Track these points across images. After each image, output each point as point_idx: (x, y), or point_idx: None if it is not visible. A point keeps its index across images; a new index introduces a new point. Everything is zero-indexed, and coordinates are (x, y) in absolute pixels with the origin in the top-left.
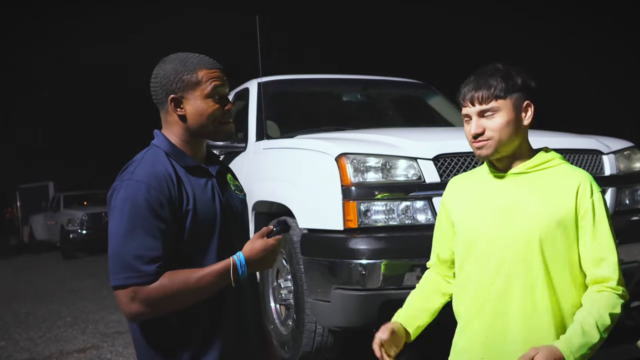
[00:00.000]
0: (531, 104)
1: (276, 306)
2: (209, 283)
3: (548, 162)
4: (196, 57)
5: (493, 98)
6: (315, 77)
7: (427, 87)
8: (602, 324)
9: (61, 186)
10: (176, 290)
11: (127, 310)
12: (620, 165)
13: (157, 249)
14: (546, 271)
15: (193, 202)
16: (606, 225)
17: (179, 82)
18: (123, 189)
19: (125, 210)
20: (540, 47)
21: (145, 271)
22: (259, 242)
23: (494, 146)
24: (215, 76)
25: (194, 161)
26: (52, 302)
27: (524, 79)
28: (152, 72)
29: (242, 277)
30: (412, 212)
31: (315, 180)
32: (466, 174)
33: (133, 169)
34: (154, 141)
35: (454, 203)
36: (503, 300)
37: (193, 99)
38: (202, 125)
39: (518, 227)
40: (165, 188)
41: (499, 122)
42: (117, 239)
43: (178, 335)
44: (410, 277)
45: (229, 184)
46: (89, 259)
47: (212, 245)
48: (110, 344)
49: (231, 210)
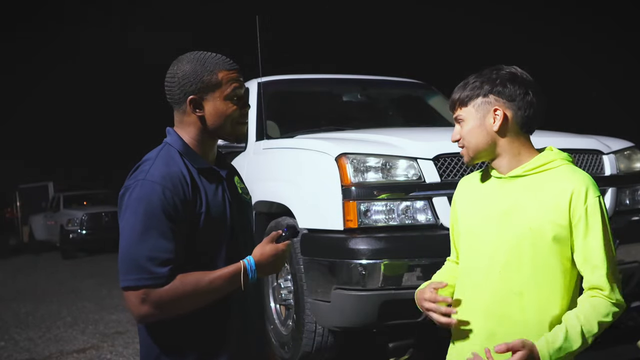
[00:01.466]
0: (500, 109)
1: (276, 306)
2: (219, 286)
3: (547, 165)
4: (215, 57)
5: (458, 106)
6: (315, 77)
7: (427, 87)
8: (588, 331)
9: (61, 186)
10: (187, 293)
11: (137, 312)
12: (621, 165)
13: (170, 251)
14: (535, 276)
15: (206, 205)
16: (599, 233)
17: (199, 83)
18: (138, 189)
19: (139, 211)
20: (540, 47)
21: (158, 273)
22: (269, 247)
23: (468, 153)
24: (234, 77)
25: (207, 163)
26: (51, 302)
27: (493, 84)
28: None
29: (251, 280)
30: (412, 212)
31: (315, 180)
32: (475, 173)
33: (148, 169)
34: (167, 139)
35: (460, 203)
36: (494, 303)
37: (212, 100)
38: (220, 127)
39: (512, 231)
40: (180, 190)
41: (465, 129)
42: (129, 239)
43: (185, 335)
44: (411, 278)
45: (237, 187)
46: (89, 259)
47: (222, 247)
48: (110, 344)
49: (239, 213)
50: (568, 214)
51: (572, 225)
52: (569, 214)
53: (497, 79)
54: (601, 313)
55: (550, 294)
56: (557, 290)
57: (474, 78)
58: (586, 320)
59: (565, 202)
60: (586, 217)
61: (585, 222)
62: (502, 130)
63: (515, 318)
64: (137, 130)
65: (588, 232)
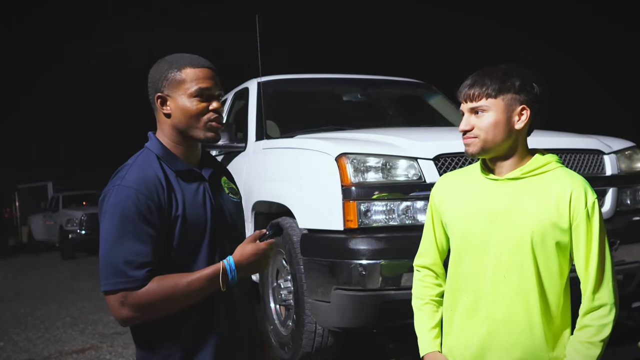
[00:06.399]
0: (527, 109)
1: (276, 307)
2: (198, 288)
3: (544, 167)
4: (185, 56)
5: (484, 96)
6: (315, 77)
7: (427, 87)
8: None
9: (60, 186)
10: (165, 295)
11: (118, 315)
12: (622, 165)
13: (147, 254)
14: (538, 277)
15: (182, 208)
16: (597, 237)
17: (165, 80)
18: (114, 194)
19: (115, 216)
20: (540, 46)
21: (134, 276)
22: (249, 247)
23: (480, 145)
24: (202, 76)
25: (186, 165)
26: (51, 302)
27: (524, 82)
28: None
29: (232, 281)
30: (413, 212)
31: (315, 180)
32: (457, 172)
33: (124, 174)
34: (147, 144)
35: (446, 204)
36: (500, 306)
37: (177, 97)
38: (187, 125)
39: (514, 233)
40: (154, 193)
41: (486, 121)
42: (107, 244)
43: (170, 335)
44: (410, 278)
45: (223, 188)
46: (88, 259)
47: (202, 250)
48: (109, 345)
49: (223, 215)
50: (568, 216)
51: (572, 228)
52: (569, 216)
53: (527, 78)
54: (595, 345)
55: (552, 294)
56: (559, 291)
57: (500, 71)
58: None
59: (565, 204)
60: (586, 220)
61: (585, 225)
62: (522, 130)
63: (518, 320)
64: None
65: (587, 235)
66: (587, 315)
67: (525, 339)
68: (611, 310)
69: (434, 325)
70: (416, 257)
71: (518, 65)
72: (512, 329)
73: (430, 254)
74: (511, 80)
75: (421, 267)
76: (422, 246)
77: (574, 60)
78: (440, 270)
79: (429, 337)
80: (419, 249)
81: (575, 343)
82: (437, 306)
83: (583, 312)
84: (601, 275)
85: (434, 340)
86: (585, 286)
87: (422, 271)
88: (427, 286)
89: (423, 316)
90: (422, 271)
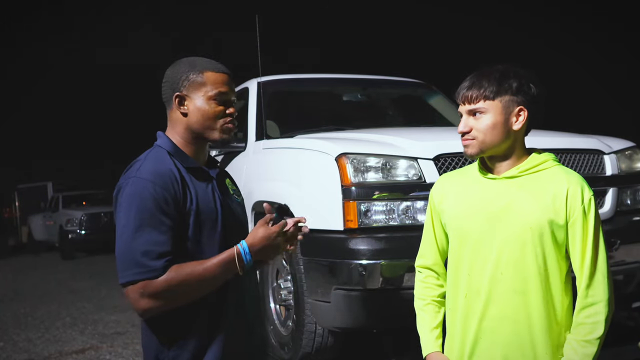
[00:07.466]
0: (525, 110)
1: (276, 307)
2: (214, 273)
3: (541, 165)
4: (206, 60)
5: (482, 98)
6: (315, 77)
7: (427, 87)
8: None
9: (60, 186)
10: (183, 282)
11: (137, 306)
12: (622, 165)
13: (164, 243)
14: (539, 274)
15: (196, 202)
16: (592, 234)
17: (185, 81)
18: (129, 186)
19: (132, 207)
20: (540, 46)
21: (153, 266)
22: (261, 230)
23: (478, 146)
24: (221, 81)
25: (196, 162)
26: (51, 302)
27: (521, 83)
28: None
29: (247, 265)
30: (413, 212)
31: (315, 180)
32: (456, 172)
33: (138, 167)
34: (157, 142)
35: (445, 204)
36: (496, 303)
37: (196, 98)
38: (203, 126)
39: (511, 230)
40: (170, 186)
41: (484, 123)
42: (124, 235)
43: (182, 327)
44: (411, 278)
45: (228, 188)
46: (88, 259)
47: (213, 245)
48: (109, 345)
49: (231, 212)
50: (565, 213)
51: (569, 225)
52: (565, 213)
53: (524, 78)
54: (591, 343)
55: (551, 292)
56: (558, 289)
57: (497, 73)
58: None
59: (562, 201)
60: (582, 216)
61: (582, 222)
62: (520, 130)
63: (517, 318)
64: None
65: (583, 232)
66: (581, 312)
67: (524, 337)
68: (605, 307)
69: (436, 326)
70: (417, 257)
71: (515, 65)
72: (511, 326)
73: (430, 254)
74: (508, 82)
75: (422, 267)
76: (423, 246)
77: (574, 60)
78: (442, 270)
79: (431, 338)
80: (419, 250)
81: (572, 341)
82: (439, 307)
83: (577, 309)
84: (595, 271)
85: (436, 340)
86: (580, 283)
87: (424, 272)
88: (428, 287)
89: (425, 317)
90: (423, 272)
